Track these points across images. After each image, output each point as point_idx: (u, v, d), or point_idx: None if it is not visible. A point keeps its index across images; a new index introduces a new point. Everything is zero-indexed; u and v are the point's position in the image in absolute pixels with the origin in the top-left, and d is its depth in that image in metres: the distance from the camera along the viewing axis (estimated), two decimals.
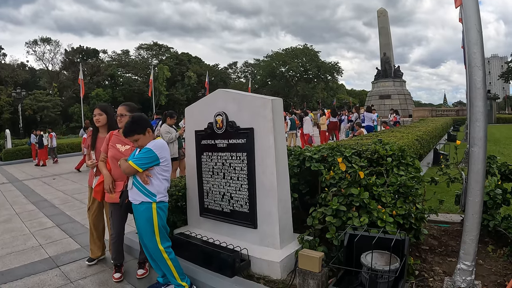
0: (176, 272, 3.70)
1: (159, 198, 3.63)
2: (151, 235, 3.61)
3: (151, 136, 3.72)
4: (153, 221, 3.59)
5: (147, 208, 3.59)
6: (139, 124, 3.66)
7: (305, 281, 3.38)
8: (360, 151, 4.82)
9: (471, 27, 2.97)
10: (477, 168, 2.96)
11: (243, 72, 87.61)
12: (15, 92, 33.38)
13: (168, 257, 3.66)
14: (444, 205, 5.10)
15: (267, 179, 4.02)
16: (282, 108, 4.22)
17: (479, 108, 2.96)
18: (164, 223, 3.71)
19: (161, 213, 3.65)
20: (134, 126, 3.64)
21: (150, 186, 3.60)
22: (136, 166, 3.52)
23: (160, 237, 3.63)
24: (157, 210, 3.61)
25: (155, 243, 3.62)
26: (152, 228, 3.59)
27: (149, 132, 3.68)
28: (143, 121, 3.71)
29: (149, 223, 3.59)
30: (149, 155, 3.55)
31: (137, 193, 3.63)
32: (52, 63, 63.24)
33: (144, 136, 3.65)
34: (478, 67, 2.94)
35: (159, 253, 3.64)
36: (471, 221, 3.02)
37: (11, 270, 4.66)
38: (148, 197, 3.59)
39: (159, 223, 3.61)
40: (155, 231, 3.60)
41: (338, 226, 3.74)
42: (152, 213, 3.58)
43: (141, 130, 3.64)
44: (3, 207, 8.56)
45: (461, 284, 3.04)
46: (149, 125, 3.73)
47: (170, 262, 3.67)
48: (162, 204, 3.68)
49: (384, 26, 48.38)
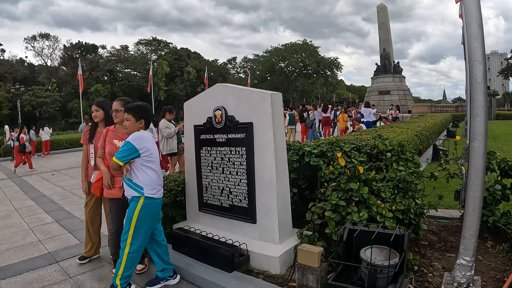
0: (122, 272, 3.60)
1: (147, 192, 3.59)
2: (127, 227, 3.58)
3: (140, 128, 3.72)
4: (133, 216, 3.55)
5: (134, 202, 3.60)
6: (140, 110, 3.71)
7: (305, 276, 3.38)
8: (359, 146, 4.82)
9: (472, 21, 2.95)
10: (477, 163, 2.95)
11: (243, 67, 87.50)
12: (14, 88, 33.26)
13: (127, 255, 3.59)
14: (444, 200, 5.10)
15: (266, 173, 4.01)
16: (281, 102, 4.20)
17: (480, 103, 2.94)
18: (145, 224, 3.63)
19: (145, 212, 3.58)
20: (135, 108, 3.71)
21: (135, 179, 3.61)
22: (117, 160, 3.53)
23: (133, 234, 3.57)
24: (142, 206, 3.57)
25: (126, 236, 3.59)
26: (130, 222, 3.57)
27: (141, 123, 3.71)
28: (144, 110, 3.77)
29: (130, 216, 3.57)
30: (127, 147, 3.54)
31: (127, 188, 3.65)
32: (51, 58, 63.06)
33: (135, 122, 3.68)
34: (478, 61, 2.93)
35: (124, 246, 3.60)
36: (471, 216, 3.01)
37: (10, 266, 4.66)
38: (136, 191, 3.59)
39: (137, 220, 3.56)
40: (131, 226, 3.56)
41: (337, 221, 3.74)
42: (135, 207, 3.56)
43: (137, 115, 3.68)
44: (2, 203, 8.56)
45: (461, 280, 3.04)
46: (146, 117, 3.76)
47: (125, 261, 3.59)
48: (150, 201, 3.62)
49: (384, 21, 48.29)
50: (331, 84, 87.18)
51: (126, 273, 3.63)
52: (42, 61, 63.08)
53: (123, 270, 3.61)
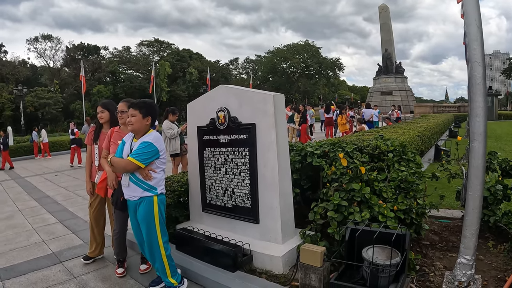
0: (169, 270, 3.71)
1: (159, 191, 3.65)
2: (153, 230, 3.61)
3: (146, 126, 3.67)
4: (154, 215, 3.60)
5: (149, 202, 3.59)
6: (146, 106, 3.66)
7: (307, 275, 3.41)
8: (361, 146, 4.84)
9: (470, 23, 2.98)
10: (477, 163, 2.98)
11: (244, 68, 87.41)
12: (17, 89, 33.45)
13: (164, 253, 3.67)
14: (445, 200, 5.12)
15: (269, 174, 4.04)
16: (283, 103, 4.23)
17: (479, 104, 2.97)
18: (163, 217, 3.73)
19: (161, 207, 3.67)
20: (142, 104, 3.66)
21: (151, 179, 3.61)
22: (139, 162, 3.47)
23: (160, 231, 3.65)
24: (158, 204, 3.62)
25: (156, 238, 3.63)
26: (153, 222, 3.60)
27: (147, 120, 3.64)
28: (151, 107, 3.72)
29: (151, 217, 3.60)
30: (151, 149, 3.52)
31: (135, 189, 3.61)
32: (53, 60, 63.18)
33: (142, 119, 3.61)
34: (478, 63, 2.96)
35: (158, 248, 3.65)
36: (471, 216, 3.04)
37: (15, 266, 4.68)
38: (149, 191, 3.59)
39: (159, 217, 3.63)
40: (156, 225, 3.61)
41: (339, 221, 3.77)
42: (153, 207, 3.59)
43: (144, 111, 3.61)
44: (6, 204, 8.59)
45: (461, 278, 3.06)
46: (152, 114, 3.69)
47: (166, 259, 3.68)
48: (162, 197, 3.71)
49: (386, 22, 48.28)
50: (333, 85, 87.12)
51: (173, 268, 3.75)
52: (45, 62, 63.26)
53: (169, 268, 3.71)
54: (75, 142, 15.69)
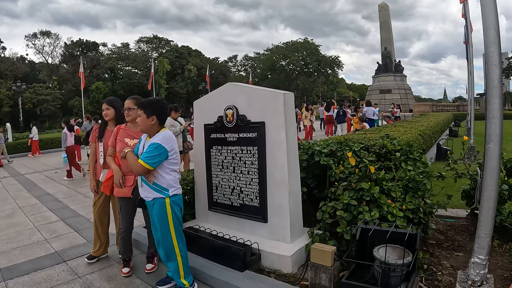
0: (183, 271, 3.69)
1: (172, 192, 3.58)
2: (167, 231, 3.58)
3: (154, 125, 3.58)
4: (168, 217, 3.56)
5: (161, 204, 3.55)
6: (150, 105, 3.57)
7: (317, 274, 3.40)
8: (368, 145, 4.82)
9: (489, 26, 2.97)
10: (493, 164, 2.97)
11: (243, 65, 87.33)
12: (15, 86, 33.33)
13: (180, 254, 3.65)
14: (451, 200, 5.11)
15: (278, 172, 4.01)
16: (293, 102, 4.20)
17: (496, 106, 2.97)
18: (179, 218, 3.68)
19: (175, 208, 3.60)
20: (146, 103, 3.59)
21: (161, 181, 3.54)
22: (147, 165, 3.42)
23: (175, 233, 3.61)
24: (171, 205, 3.56)
25: (170, 240, 3.60)
26: (167, 225, 3.57)
27: (152, 120, 3.54)
28: (156, 106, 3.61)
29: (164, 220, 3.56)
30: (159, 152, 3.44)
31: (148, 190, 3.58)
32: (52, 56, 62.94)
33: (146, 119, 3.54)
34: (495, 65, 2.95)
35: (173, 249, 3.63)
36: (485, 216, 3.04)
37: (17, 265, 4.63)
38: (160, 193, 3.55)
39: (173, 218, 3.58)
40: (170, 227, 3.58)
41: (348, 220, 3.76)
42: (166, 209, 3.54)
43: (148, 111, 3.54)
44: (6, 201, 8.54)
45: (475, 278, 3.06)
46: (157, 113, 3.57)
47: (180, 259, 3.66)
48: (176, 198, 3.62)
49: (386, 20, 48.32)
50: (332, 83, 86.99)
51: (186, 269, 3.73)
52: (43, 58, 63.07)
53: (183, 270, 3.69)
54: (76, 140, 15.55)
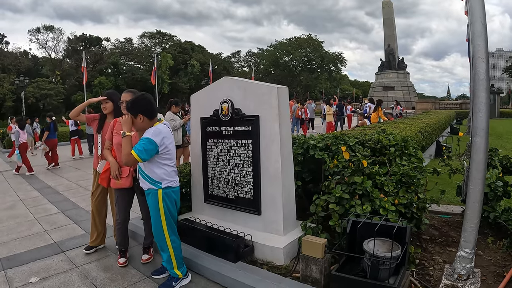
0: (176, 261, 3.74)
1: (164, 184, 3.61)
2: (158, 222, 3.63)
3: (145, 122, 3.58)
4: (159, 208, 3.60)
5: (154, 195, 3.61)
6: (133, 106, 3.58)
7: (308, 266, 3.44)
8: (363, 140, 4.85)
9: (475, 20, 3.00)
10: (478, 157, 3.00)
11: (247, 61, 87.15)
12: (18, 80, 33.31)
13: (171, 245, 3.69)
14: (446, 196, 5.14)
15: (272, 166, 4.06)
16: (287, 96, 4.24)
17: (482, 99, 3.00)
18: (171, 210, 3.70)
19: (167, 200, 3.63)
20: (129, 106, 3.60)
21: (152, 174, 3.59)
22: (138, 157, 3.39)
23: (167, 225, 3.65)
24: (163, 197, 3.60)
25: (162, 230, 3.65)
26: (158, 215, 3.62)
27: (141, 119, 3.55)
28: (137, 104, 3.59)
29: (156, 210, 3.61)
30: (151, 147, 3.44)
31: (143, 181, 3.66)
32: (55, 51, 63.03)
33: (135, 120, 3.56)
34: (482, 59, 2.98)
35: (163, 240, 3.68)
36: (472, 209, 3.07)
37: (17, 255, 4.72)
38: (153, 184, 3.60)
39: (165, 210, 3.62)
40: (162, 218, 3.62)
41: (341, 214, 3.79)
42: (158, 200, 3.60)
43: (133, 112, 3.56)
44: (7, 194, 8.63)
45: (461, 271, 3.09)
46: (142, 110, 3.56)
47: (172, 250, 3.70)
48: (169, 190, 3.65)
49: (389, 17, 48.15)
50: (335, 79, 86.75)
51: (179, 260, 3.78)
52: (46, 53, 63.14)
53: (175, 260, 3.74)
54: (77, 133, 15.65)
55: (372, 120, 16.76)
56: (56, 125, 13.30)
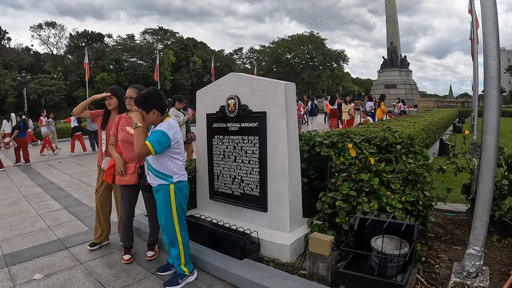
0: (184, 258, 3.73)
1: (176, 179, 3.59)
2: (169, 217, 3.62)
3: (157, 117, 3.55)
4: (171, 203, 3.59)
5: (165, 190, 3.58)
6: (145, 100, 3.54)
7: (315, 264, 3.43)
8: (369, 138, 4.84)
9: (487, 18, 2.98)
10: (489, 155, 2.98)
11: (249, 58, 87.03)
12: (20, 76, 33.36)
13: (181, 241, 3.69)
14: (450, 194, 5.12)
15: (278, 162, 4.05)
16: (294, 92, 4.23)
17: (493, 97, 2.98)
18: (182, 205, 3.69)
19: (179, 194, 3.62)
20: (140, 100, 3.55)
21: (163, 168, 3.56)
22: (152, 148, 3.33)
23: (178, 219, 3.65)
24: (175, 191, 3.59)
25: (173, 226, 3.64)
26: (170, 210, 3.60)
27: (154, 114, 3.51)
28: (150, 98, 3.55)
29: (168, 205, 3.59)
30: (165, 140, 3.42)
31: (153, 177, 3.61)
32: (57, 47, 62.79)
33: (147, 115, 3.52)
34: (493, 57, 2.96)
35: (174, 235, 3.66)
36: (481, 207, 3.05)
37: (20, 252, 4.70)
38: (164, 179, 3.57)
39: (177, 205, 3.61)
40: (173, 214, 3.61)
41: (347, 211, 3.78)
42: (170, 195, 3.57)
43: (145, 107, 3.52)
44: (10, 190, 8.62)
45: (470, 269, 3.08)
46: (155, 105, 3.52)
47: (182, 246, 3.70)
48: (180, 184, 3.64)
49: (392, 15, 48.08)
50: (337, 77, 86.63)
51: (187, 257, 3.77)
52: (48, 49, 62.94)
53: (184, 257, 3.73)
54: (80, 129, 15.64)
55: (378, 116, 16.78)
56: (26, 124, 13.70)
